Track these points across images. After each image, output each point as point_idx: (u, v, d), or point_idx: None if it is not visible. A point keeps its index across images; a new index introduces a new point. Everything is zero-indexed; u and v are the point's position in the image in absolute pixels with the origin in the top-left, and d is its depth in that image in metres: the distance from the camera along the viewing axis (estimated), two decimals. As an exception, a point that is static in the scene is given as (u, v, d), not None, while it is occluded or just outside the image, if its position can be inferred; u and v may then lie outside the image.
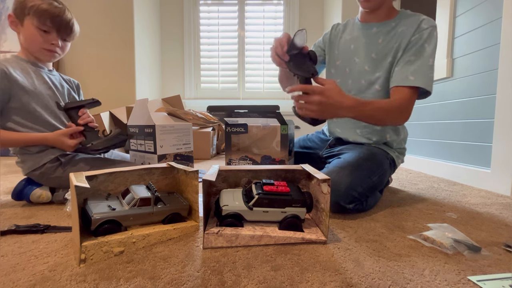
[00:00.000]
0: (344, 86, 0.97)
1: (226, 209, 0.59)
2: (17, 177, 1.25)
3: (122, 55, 2.23)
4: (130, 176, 0.66)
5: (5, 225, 0.67)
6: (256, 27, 2.87)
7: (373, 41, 0.92)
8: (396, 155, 0.95)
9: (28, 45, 0.88)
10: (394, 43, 0.88)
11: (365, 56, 0.93)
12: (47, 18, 0.86)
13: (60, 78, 0.99)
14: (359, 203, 0.77)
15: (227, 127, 0.99)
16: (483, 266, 0.50)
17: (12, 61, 0.87)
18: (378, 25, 0.92)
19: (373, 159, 0.85)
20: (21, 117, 0.85)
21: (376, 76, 0.91)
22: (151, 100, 2.02)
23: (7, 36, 2.18)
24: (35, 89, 0.87)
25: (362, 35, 0.94)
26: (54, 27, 0.88)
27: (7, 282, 0.44)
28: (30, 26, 0.85)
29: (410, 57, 0.83)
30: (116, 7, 2.22)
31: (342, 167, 0.79)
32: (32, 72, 0.88)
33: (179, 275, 0.46)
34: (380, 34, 0.91)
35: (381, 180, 0.85)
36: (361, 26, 0.96)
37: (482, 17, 1.16)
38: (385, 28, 0.90)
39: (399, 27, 0.88)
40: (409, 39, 0.84)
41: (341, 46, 1.00)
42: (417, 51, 0.83)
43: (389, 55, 0.88)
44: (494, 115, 1.08)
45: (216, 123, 2.16)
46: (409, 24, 0.86)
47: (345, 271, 0.48)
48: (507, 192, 1.01)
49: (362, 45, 0.94)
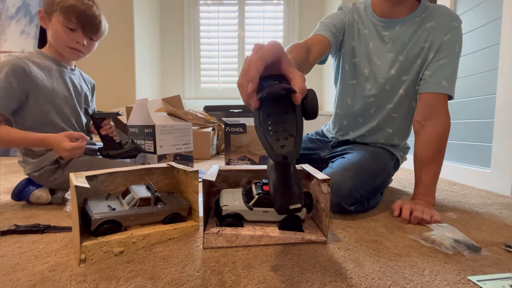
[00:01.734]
0: (359, 90, 0.88)
1: (226, 209, 0.59)
2: (17, 177, 1.24)
3: (122, 55, 2.23)
4: (130, 176, 0.66)
5: (5, 225, 0.67)
6: (256, 27, 2.87)
7: (399, 41, 0.81)
8: (401, 154, 0.94)
9: (54, 42, 0.87)
10: (423, 42, 0.78)
11: (391, 59, 0.82)
12: (72, 15, 0.84)
13: (80, 78, 0.98)
14: (360, 204, 0.76)
15: (227, 127, 0.99)
16: (483, 266, 0.50)
17: (35, 57, 0.85)
18: (401, 21, 0.80)
19: (378, 161, 0.82)
20: (33, 117, 0.84)
21: (402, 80, 0.82)
22: (151, 100, 2.01)
23: (7, 36, 2.18)
24: (53, 89, 0.86)
25: (384, 33, 0.82)
26: (80, 25, 0.86)
27: (7, 282, 0.44)
28: (57, 23, 0.84)
29: (444, 60, 0.76)
30: (116, 7, 2.22)
31: (346, 169, 0.75)
32: (53, 71, 0.87)
33: (179, 275, 0.46)
34: (406, 33, 0.80)
35: (384, 183, 0.84)
36: (380, 21, 0.82)
37: (482, 17, 1.16)
38: (411, 26, 0.79)
39: (426, 22, 0.78)
40: (442, 39, 0.76)
41: (359, 40, 0.85)
42: (450, 53, 0.76)
43: (419, 56, 0.79)
44: (494, 115, 1.08)
45: (216, 123, 2.16)
46: (438, 19, 0.77)
47: (345, 271, 0.47)
48: (507, 192, 1.01)
49: (384, 46, 0.83)
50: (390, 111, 0.87)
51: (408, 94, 0.84)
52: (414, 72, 0.80)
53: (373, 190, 0.77)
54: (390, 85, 0.84)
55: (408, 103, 0.86)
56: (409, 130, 0.93)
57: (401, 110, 0.87)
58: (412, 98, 0.85)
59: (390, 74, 0.83)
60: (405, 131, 0.92)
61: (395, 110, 0.87)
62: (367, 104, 0.89)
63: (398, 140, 0.92)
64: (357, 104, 0.91)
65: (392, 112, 0.87)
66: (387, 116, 0.88)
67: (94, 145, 1.00)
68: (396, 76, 0.83)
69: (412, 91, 0.83)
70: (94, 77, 1.07)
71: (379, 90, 0.85)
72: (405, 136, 0.94)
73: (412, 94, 0.83)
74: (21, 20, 2.19)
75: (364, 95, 0.88)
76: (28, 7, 2.20)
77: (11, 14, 2.19)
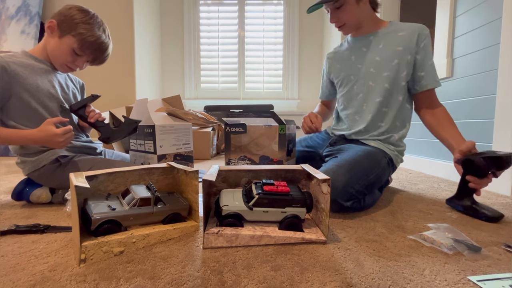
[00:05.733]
0: (351, 92, 1.02)
1: (226, 209, 0.59)
2: (17, 177, 1.25)
3: (122, 55, 2.23)
4: (130, 176, 0.66)
5: (5, 225, 0.67)
6: (256, 27, 2.87)
7: (373, 47, 0.96)
8: (396, 154, 0.96)
9: (52, 54, 0.87)
10: (396, 46, 0.92)
11: (369, 60, 0.97)
12: (88, 48, 0.86)
13: (66, 77, 0.96)
14: (356, 201, 0.78)
15: (227, 127, 0.99)
16: (483, 266, 0.50)
17: (19, 57, 0.84)
18: (373, 34, 0.97)
19: (370, 158, 0.87)
20: (22, 116, 0.82)
21: (384, 76, 0.94)
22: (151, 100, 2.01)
23: (7, 36, 2.18)
24: (37, 86, 0.84)
25: (360, 46, 0.99)
26: (90, 56, 0.88)
27: (7, 282, 0.44)
28: (67, 44, 0.85)
29: (430, 61, 0.91)
30: (116, 7, 2.22)
31: (339, 166, 0.80)
32: (36, 69, 0.85)
33: (179, 275, 0.46)
34: (379, 40, 0.95)
35: (378, 179, 0.86)
36: (356, 40, 1.01)
37: (482, 17, 1.16)
38: (383, 35, 0.95)
39: (398, 32, 0.93)
40: (417, 45, 0.90)
41: (342, 60, 1.05)
42: (429, 53, 0.91)
43: (395, 57, 0.92)
44: (494, 115, 1.08)
45: (216, 123, 2.16)
46: (409, 30, 0.91)
47: (345, 271, 0.48)
48: (507, 192, 1.01)
49: (362, 53, 0.98)
50: (380, 105, 0.96)
51: (393, 89, 0.94)
52: (394, 70, 0.92)
53: (367, 185, 0.81)
54: (373, 81, 0.96)
55: (395, 98, 0.95)
56: (402, 126, 0.98)
57: (390, 105, 0.96)
58: (399, 93, 0.94)
59: (370, 72, 0.96)
60: (398, 128, 0.98)
61: (384, 104, 0.96)
62: (357, 101, 1.01)
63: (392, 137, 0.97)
64: (351, 103, 1.03)
65: (382, 107, 0.96)
66: (379, 111, 0.96)
67: (92, 143, 1.00)
68: (376, 73, 0.95)
69: (397, 86, 0.94)
70: (94, 77, 1.07)
71: (365, 86, 0.98)
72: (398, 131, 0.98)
73: (397, 89, 0.94)
74: (21, 20, 2.19)
75: (355, 93, 1.01)
76: (28, 7, 2.20)
77: (11, 14, 2.19)
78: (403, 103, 0.95)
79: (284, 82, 2.91)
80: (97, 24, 0.87)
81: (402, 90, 0.94)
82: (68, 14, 0.84)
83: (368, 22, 0.97)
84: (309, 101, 2.89)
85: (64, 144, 0.80)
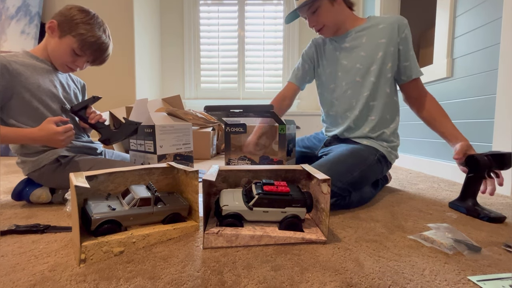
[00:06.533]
0: (338, 89, 1.02)
1: (226, 209, 0.59)
2: (17, 177, 1.25)
3: (122, 55, 2.23)
4: (130, 176, 0.66)
5: (5, 225, 0.67)
6: (256, 27, 2.87)
7: (357, 42, 0.97)
8: (389, 150, 0.96)
9: (52, 54, 0.87)
10: (379, 39, 0.93)
11: (354, 56, 0.97)
12: (88, 49, 0.86)
13: (67, 77, 0.96)
14: (340, 198, 0.80)
15: (227, 127, 0.99)
16: (483, 266, 0.50)
17: (20, 57, 0.84)
18: (354, 30, 0.98)
19: (355, 155, 0.88)
20: (23, 116, 0.82)
21: (371, 70, 0.95)
22: (151, 100, 2.02)
23: (7, 36, 2.17)
24: (39, 86, 0.83)
25: (344, 42, 1.00)
26: (90, 57, 0.88)
27: (7, 282, 0.44)
28: (67, 43, 0.85)
29: (411, 52, 0.93)
30: (116, 7, 2.22)
31: (321, 165, 0.82)
32: (38, 69, 0.85)
33: (179, 275, 0.46)
34: (361, 35, 0.97)
35: (364, 176, 0.86)
36: (339, 37, 1.01)
37: (482, 17, 1.16)
38: (364, 30, 0.96)
39: (379, 25, 0.94)
40: (399, 36, 0.92)
41: (327, 56, 1.05)
42: (409, 44, 0.93)
43: (379, 49, 0.93)
44: (494, 115, 1.08)
45: (216, 123, 2.16)
46: (387, 22, 0.93)
47: (345, 271, 0.48)
48: (507, 192, 1.01)
49: (347, 50, 0.99)
50: (368, 99, 0.97)
51: (380, 81, 0.95)
52: (380, 62, 0.94)
53: (351, 183, 0.82)
54: (361, 76, 0.97)
55: (383, 90, 0.96)
56: (392, 119, 0.99)
57: (377, 97, 0.96)
58: (386, 85, 0.96)
59: (357, 68, 0.97)
60: (388, 121, 0.99)
61: (372, 97, 0.97)
62: (346, 97, 1.01)
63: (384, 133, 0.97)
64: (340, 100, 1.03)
65: (369, 100, 0.97)
66: (366, 105, 0.97)
67: (92, 143, 1.00)
68: (363, 68, 0.96)
69: (384, 79, 0.95)
70: (94, 77, 1.07)
71: (352, 82, 0.99)
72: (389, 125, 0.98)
73: (384, 82, 0.95)
74: (21, 20, 2.19)
75: (342, 90, 1.01)
76: (28, 7, 2.20)
77: (11, 14, 2.19)
78: (390, 95, 0.97)
79: (284, 82, 2.90)
80: (97, 24, 0.87)
81: (389, 82, 0.95)
82: (68, 15, 0.84)
83: (346, 21, 0.98)
84: (309, 101, 2.89)
85: (65, 142, 0.80)
